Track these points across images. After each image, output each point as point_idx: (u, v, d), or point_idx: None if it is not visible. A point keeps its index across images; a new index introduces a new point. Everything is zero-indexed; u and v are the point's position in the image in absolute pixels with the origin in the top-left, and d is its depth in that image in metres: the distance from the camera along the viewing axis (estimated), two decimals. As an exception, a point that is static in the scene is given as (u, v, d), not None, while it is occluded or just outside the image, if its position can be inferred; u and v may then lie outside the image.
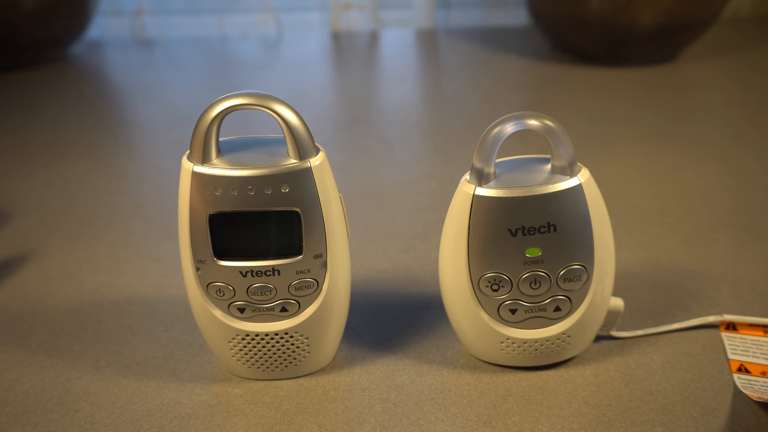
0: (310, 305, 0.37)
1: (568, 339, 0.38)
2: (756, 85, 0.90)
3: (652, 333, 0.41)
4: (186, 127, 0.74)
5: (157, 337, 0.42)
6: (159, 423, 0.36)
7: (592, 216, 0.35)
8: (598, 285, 0.37)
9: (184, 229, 0.35)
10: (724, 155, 0.67)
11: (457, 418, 0.36)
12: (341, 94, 0.92)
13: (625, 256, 0.50)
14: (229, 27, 1.16)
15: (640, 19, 0.88)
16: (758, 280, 0.47)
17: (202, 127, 0.33)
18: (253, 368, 0.38)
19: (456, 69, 1.01)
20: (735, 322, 0.42)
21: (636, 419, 0.35)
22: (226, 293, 0.36)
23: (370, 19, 1.16)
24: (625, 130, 0.74)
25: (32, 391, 0.38)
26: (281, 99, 0.33)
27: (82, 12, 0.99)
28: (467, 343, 0.39)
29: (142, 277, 0.49)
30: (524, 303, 0.37)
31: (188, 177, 0.34)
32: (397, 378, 0.39)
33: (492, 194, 0.34)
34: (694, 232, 0.53)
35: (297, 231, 0.35)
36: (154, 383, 0.39)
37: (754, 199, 0.58)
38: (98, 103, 0.88)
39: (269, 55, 1.08)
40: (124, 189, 0.63)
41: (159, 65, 1.04)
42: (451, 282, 0.37)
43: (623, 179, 0.62)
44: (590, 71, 0.94)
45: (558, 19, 0.94)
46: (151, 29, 1.15)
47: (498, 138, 0.34)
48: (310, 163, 0.34)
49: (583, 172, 0.35)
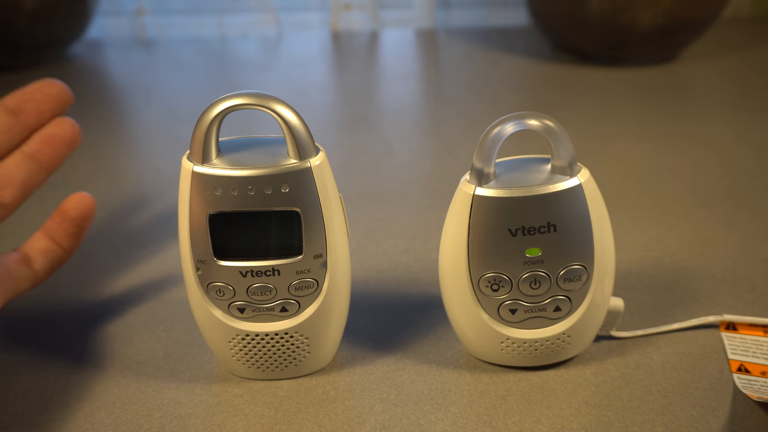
0: (310, 305, 0.37)
1: (568, 339, 0.38)
2: (756, 85, 0.90)
3: (652, 333, 0.41)
4: (186, 127, 0.74)
5: (157, 337, 0.42)
6: (159, 423, 0.36)
7: (592, 216, 0.35)
8: (598, 285, 0.37)
9: (184, 229, 0.35)
10: (724, 155, 0.67)
11: (457, 418, 0.36)
12: (341, 94, 0.92)
13: (625, 256, 0.50)
14: (229, 27, 1.16)
15: (640, 19, 0.88)
16: (758, 280, 0.47)
17: (202, 127, 0.33)
18: (253, 368, 0.38)
19: (456, 69, 1.01)
20: (735, 322, 0.42)
21: (636, 419, 0.35)
22: (226, 293, 0.36)
23: (370, 19, 1.16)
24: (625, 130, 0.74)
25: (32, 391, 0.38)
26: (281, 99, 0.33)
27: (82, 12, 0.98)
28: (467, 343, 0.39)
29: (142, 277, 0.49)
30: (524, 303, 0.37)
31: (188, 177, 0.34)
32: (397, 378, 0.39)
33: (492, 194, 0.34)
34: (694, 232, 0.53)
35: (297, 231, 0.35)
36: (154, 383, 0.39)
37: (754, 199, 0.58)
38: (98, 103, 0.88)
39: (269, 55, 1.08)
40: (124, 189, 0.63)
41: (159, 65, 1.04)
42: (451, 282, 0.37)
43: (623, 179, 0.62)
44: (590, 71, 0.94)
45: (558, 19, 0.94)
46: (151, 29, 1.15)
47: (498, 138, 0.34)
48: (310, 163, 0.34)
49: (583, 172, 0.35)
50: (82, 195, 0.43)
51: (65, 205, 0.42)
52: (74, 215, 0.42)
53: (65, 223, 0.42)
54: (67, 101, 0.44)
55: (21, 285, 0.40)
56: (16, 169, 0.42)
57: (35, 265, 0.41)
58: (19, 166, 0.42)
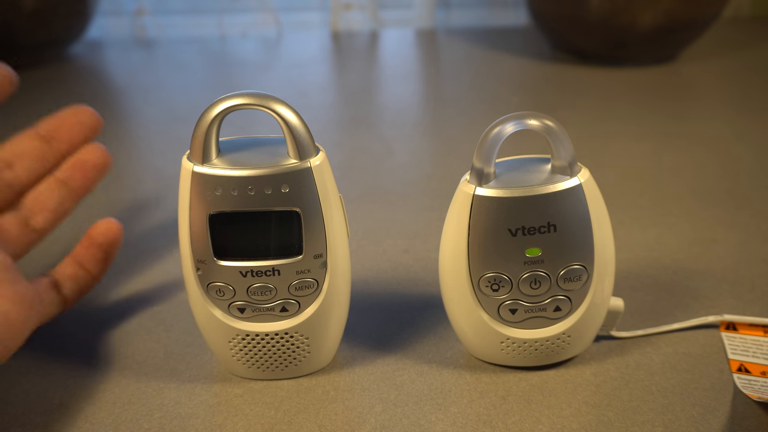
0: (310, 305, 0.37)
1: (568, 339, 0.38)
2: (756, 85, 0.90)
3: (652, 333, 0.41)
4: (186, 127, 0.74)
5: (157, 337, 0.42)
6: (159, 423, 0.36)
7: (592, 216, 0.35)
8: (598, 285, 0.37)
9: (184, 229, 0.35)
10: (724, 155, 0.67)
11: (457, 418, 0.36)
12: (341, 94, 0.92)
13: (625, 256, 0.50)
14: (229, 27, 1.16)
15: (640, 19, 0.88)
16: (758, 280, 0.47)
17: (202, 127, 0.33)
18: (253, 368, 0.38)
19: (456, 69, 1.01)
20: (735, 322, 0.42)
21: (636, 419, 0.35)
22: (226, 293, 0.36)
23: (370, 19, 1.16)
24: (625, 130, 0.74)
25: (32, 391, 0.38)
26: (281, 99, 0.33)
27: (82, 12, 0.99)
28: (467, 343, 0.39)
29: (142, 278, 0.49)
30: (524, 303, 0.37)
31: (188, 177, 0.34)
32: (397, 378, 0.39)
33: (492, 194, 0.34)
34: (694, 232, 0.53)
35: (297, 231, 0.35)
36: (154, 383, 0.39)
37: (754, 199, 0.58)
38: (98, 103, 0.88)
39: (269, 55, 1.08)
40: (124, 189, 0.63)
41: (159, 65, 1.04)
42: (451, 282, 0.37)
43: (623, 179, 0.62)
44: (590, 71, 0.94)
45: (558, 19, 0.94)
46: (151, 29, 1.15)
47: (498, 138, 0.34)
48: (310, 163, 0.34)
49: (583, 172, 0.35)
50: (110, 221, 0.43)
51: (93, 231, 0.42)
52: (102, 241, 0.42)
53: (93, 248, 0.42)
54: (96, 127, 0.44)
55: (51, 310, 0.40)
56: (48, 196, 0.42)
57: (64, 291, 0.41)
58: (52, 192, 0.42)
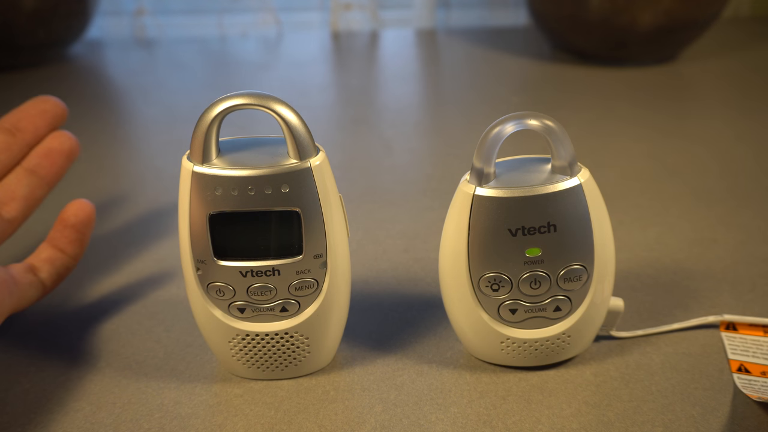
0: (310, 305, 0.37)
1: (568, 339, 0.38)
2: (756, 85, 0.90)
3: (652, 333, 0.41)
4: (186, 127, 0.74)
5: (157, 337, 0.42)
6: (159, 423, 0.36)
7: (592, 216, 0.35)
8: (598, 285, 0.37)
9: (184, 229, 0.35)
10: (724, 155, 0.67)
11: (457, 418, 0.36)
12: (341, 94, 0.92)
13: (625, 256, 0.50)
14: (229, 27, 1.16)
15: (640, 19, 0.88)
16: (758, 280, 0.47)
17: (202, 127, 0.33)
18: (253, 368, 0.38)
19: (456, 69, 1.01)
20: (735, 322, 0.42)
21: (636, 419, 0.35)
22: (226, 293, 0.36)
23: (370, 19, 1.16)
24: (625, 130, 0.74)
25: (32, 391, 0.38)
26: (281, 99, 0.33)
27: (82, 12, 0.99)
28: (467, 343, 0.39)
29: (142, 277, 0.49)
30: (524, 303, 0.37)
31: (188, 177, 0.34)
32: (397, 378, 0.39)
33: (492, 194, 0.34)
34: (694, 232, 0.53)
35: (297, 231, 0.35)
36: (154, 383, 0.39)
37: (754, 199, 0.58)
38: (98, 103, 0.88)
39: (269, 55, 1.08)
40: (123, 189, 0.63)
41: (159, 65, 1.04)
42: (451, 282, 0.37)
43: (623, 179, 0.62)
44: (590, 71, 0.94)
45: (558, 19, 0.94)
46: (151, 29, 1.15)
47: (498, 138, 0.34)
48: (310, 163, 0.34)
49: (583, 172, 0.35)
50: (81, 201, 0.43)
51: (64, 213, 0.43)
52: (74, 221, 0.43)
53: (66, 230, 0.43)
54: (61, 115, 0.45)
55: (28, 293, 0.40)
56: (17, 185, 0.43)
57: (41, 274, 0.41)
58: (20, 181, 0.43)
